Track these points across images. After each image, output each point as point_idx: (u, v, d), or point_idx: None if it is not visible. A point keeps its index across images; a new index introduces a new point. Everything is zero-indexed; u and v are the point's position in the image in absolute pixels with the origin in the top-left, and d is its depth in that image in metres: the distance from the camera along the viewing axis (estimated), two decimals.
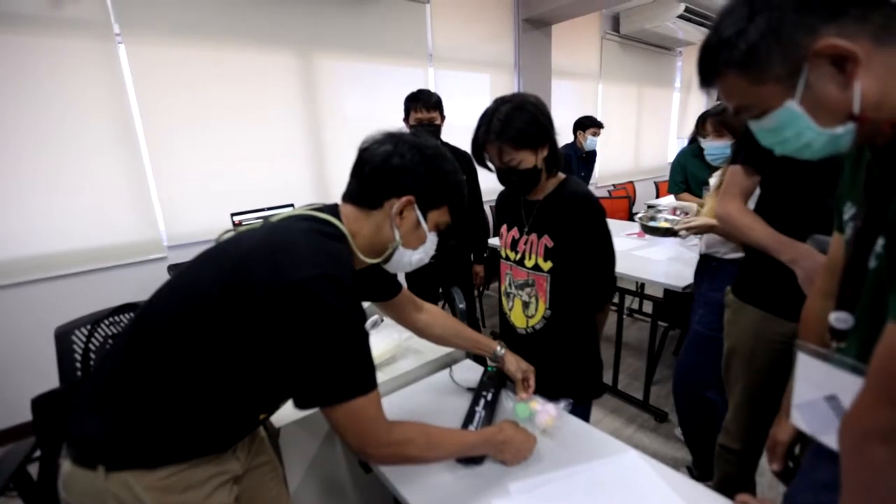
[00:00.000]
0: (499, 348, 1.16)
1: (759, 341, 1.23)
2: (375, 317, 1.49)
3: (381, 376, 1.18)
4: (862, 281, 0.61)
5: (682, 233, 1.58)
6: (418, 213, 0.82)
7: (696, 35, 5.22)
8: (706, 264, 1.68)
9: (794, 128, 0.56)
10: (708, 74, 0.60)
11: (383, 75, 3.25)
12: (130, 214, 2.37)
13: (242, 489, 0.87)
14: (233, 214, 2.34)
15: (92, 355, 1.12)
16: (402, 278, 2.21)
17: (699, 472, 0.86)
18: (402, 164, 0.79)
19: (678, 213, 2.20)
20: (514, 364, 1.15)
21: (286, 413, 1.04)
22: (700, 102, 6.79)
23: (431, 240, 0.88)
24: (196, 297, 0.72)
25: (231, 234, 0.81)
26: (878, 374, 0.53)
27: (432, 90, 2.12)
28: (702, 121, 2.73)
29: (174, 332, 0.71)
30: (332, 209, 0.83)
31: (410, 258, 0.87)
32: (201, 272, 0.75)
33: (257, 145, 2.75)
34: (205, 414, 0.73)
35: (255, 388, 0.76)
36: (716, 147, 1.76)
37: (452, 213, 0.88)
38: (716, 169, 1.75)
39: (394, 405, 1.13)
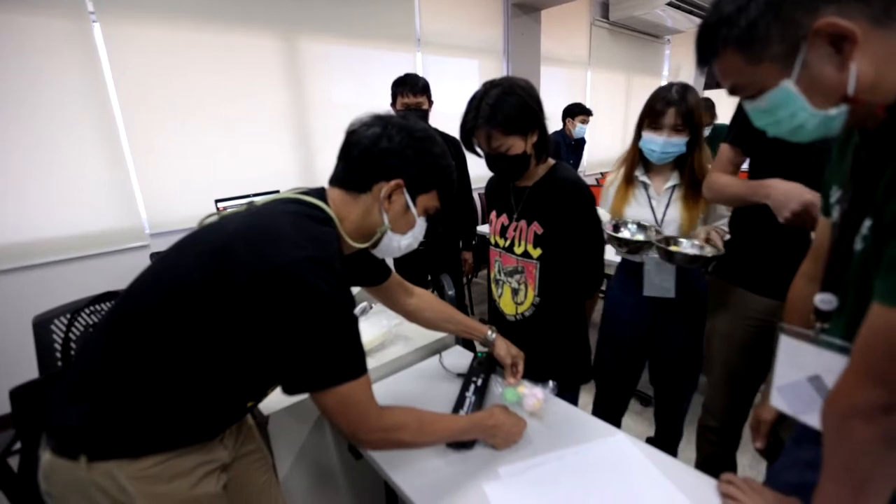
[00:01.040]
0: (490, 333, 1.16)
1: (738, 319, 1.27)
2: (364, 303, 1.48)
3: (371, 363, 1.18)
4: (847, 263, 0.62)
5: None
6: (407, 197, 0.81)
7: (685, 23, 5.22)
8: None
9: (789, 108, 0.57)
10: (706, 52, 0.60)
11: (371, 60, 3.19)
12: (110, 201, 2.30)
13: (230, 477, 0.86)
14: (217, 201, 2.29)
15: (73, 345, 1.10)
16: (390, 265, 2.20)
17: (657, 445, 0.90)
18: (390, 147, 0.78)
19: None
20: (505, 349, 1.15)
21: (275, 400, 1.03)
22: None
23: (420, 225, 0.86)
24: (177, 282, 0.70)
25: (214, 218, 0.79)
26: (863, 353, 0.54)
27: (420, 75, 2.09)
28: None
29: (155, 319, 0.69)
30: (319, 193, 0.81)
31: (399, 243, 0.86)
32: (182, 257, 0.73)
33: (242, 130, 2.69)
34: (190, 402, 0.72)
35: (242, 375, 0.75)
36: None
37: (441, 198, 0.87)
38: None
39: (384, 392, 1.13)
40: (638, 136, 1.38)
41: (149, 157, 2.39)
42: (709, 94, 4.07)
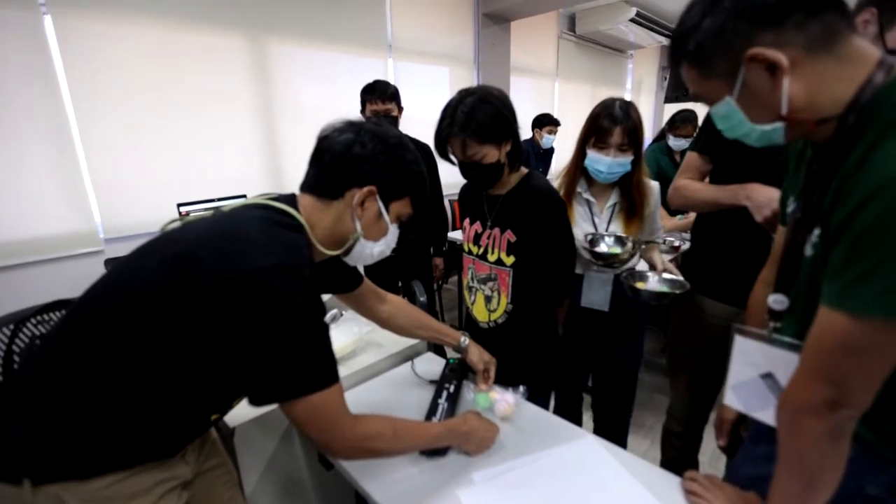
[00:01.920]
0: (463, 339, 1.17)
1: (700, 324, 1.33)
2: (335, 311, 1.46)
3: (342, 371, 1.15)
4: (798, 267, 0.66)
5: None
6: (380, 203, 0.81)
7: (647, 39, 5.45)
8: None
9: (733, 120, 0.62)
10: (672, 62, 0.65)
11: (341, 64, 3.15)
12: (60, 204, 2.16)
13: (193, 495, 0.83)
14: (179, 205, 2.20)
15: (16, 357, 1.02)
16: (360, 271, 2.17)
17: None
18: (363, 154, 0.77)
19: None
20: (477, 355, 1.16)
21: (241, 412, 1.00)
22: (650, 104, 7.12)
23: (393, 232, 0.86)
24: (138, 288, 0.67)
25: (177, 223, 0.76)
26: (811, 353, 0.58)
27: (391, 81, 2.09)
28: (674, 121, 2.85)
29: (113, 327, 0.66)
30: (289, 199, 0.80)
31: (372, 250, 0.85)
32: (143, 263, 0.70)
33: (207, 132, 2.60)
34: (149, 417, 0.69)
35: (207, 387, 0.72)
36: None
37: (414, 205, 0.87)
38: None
39: (355, 400, 1.09)
40: (581, 154, 1.36)
41: (104, 158, 2.26)
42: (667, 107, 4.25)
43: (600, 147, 1.31)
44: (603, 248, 1.36)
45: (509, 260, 1.21)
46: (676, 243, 2.32)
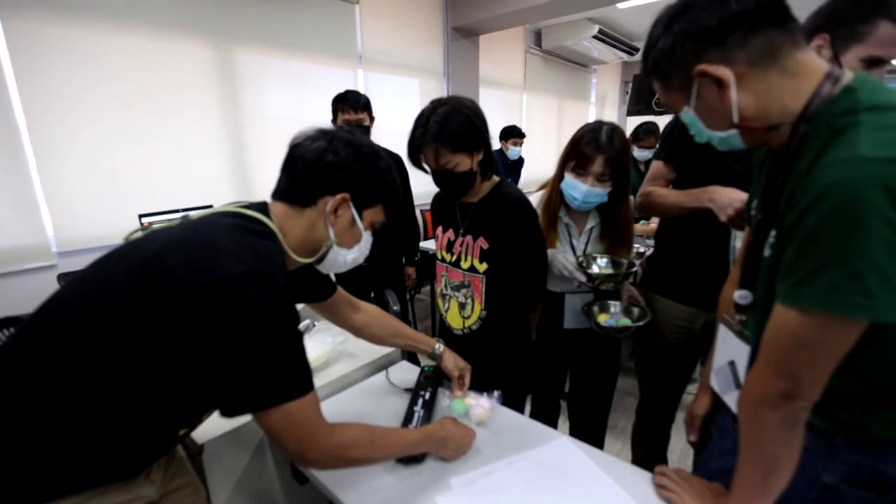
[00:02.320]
0: (437, 346, 1.17)
1: (664, 325, 1.38)
2: (307, 321, 1.44)
3: (316, 381, 1.12)
4: (759, 266, 0.71)
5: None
6: (354, 211, 0.81)
7: (609, 55, 5.68)
8: None
9: (695, 128, 0.69)
10: (644, 73, 0.71)
11: (311, 74, 3.14)
12: (7, 215, 2.04)
13: None
14: (142, 216, 2.12)
15: None
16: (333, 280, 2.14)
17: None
18: (336, 161, 0.77)
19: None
20: (452, 362, 1.16)
21: (210, 427, 0.97)
22: (613, 116, 7.39)
23: (366, 239, 0.86)
24: (99, 301, 0.64)
25: (142, 233, 0.74)
26: (768, 348, 0.62)
27: (362, 92, 2.10)
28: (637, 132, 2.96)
29: (74, 340, 0.63)
30: (261, 207, 0.79)
31: (345, 258, 0.85)
32: (105, 274, 0.68)
33: (171, 141, 2.52)
34: (112, 434, 0.66)
35: (175, 400, 0.70)
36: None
37: (387, 212, 0.88)
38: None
39: (330, 411, 1.06)
40: (560, 176, 1.33)
41: (58, 167, 2.16)
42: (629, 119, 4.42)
43: (579, 173, 1.27)
44: (595, 269, 1.34)
45: (482, 267, 1.23)
46: (641, 249, 2.41)
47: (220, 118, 2.74)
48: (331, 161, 0.77)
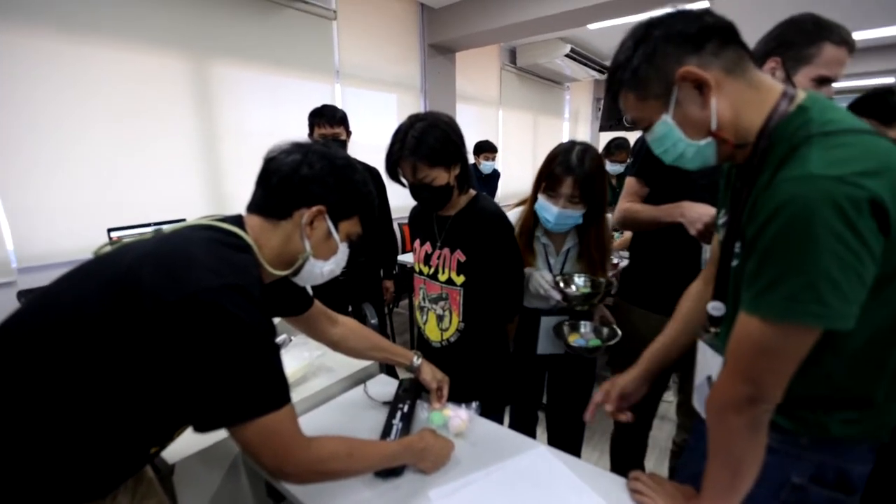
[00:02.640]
0: (415, 358, 1.18)
1: (637, 335, 1.42)
2: (284, 336, 1.42)
3: (293, 397, 1.11)
4: (728, 276, 0.74)
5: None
6: (329, 223, 0.81)
7: (581, 73, 5.87)
8: None
9: (671, 138, 0.69)
10: (611, 91, 0.73)
11: (288, 88, 3.14)
12: None
13: None
14: (110, 230, 2.06)
15: None
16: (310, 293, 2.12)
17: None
18: (312, 174, 0.78)
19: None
20: (430, 374, 1.17)
21: (181, 446, 0.94)
22: (586, 132, 7.61)
23: (343, 251, 0.87)
24: (67, 316, 0.63)
25: (112, 248, 0.72)
26: (732, 355, 0.65)
27: (339, 106, 2.11)
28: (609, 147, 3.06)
29: (37, 359, 0.61)
30: (236, 220, 0.79)
31: (322, 269, 0.85)
32: (74, 287, 0.67)
33: (143, 153, 2.47)
34: (78, 453, 0.64)
35: (147, 416, 0.68)
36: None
37: (363, 224, 0.88)
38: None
39: (307, 426, 1.05)
40: (535, 198, 1.34)
41: (19, 179, 2.07)
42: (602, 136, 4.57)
43: (550, 195, 1.28)
44: (572, 289, 1.34)
45: (459, 279, 1.24)
46: (615, 261, 2.48)
47: (195, 131, 2.70)
48: (306, 174, 0.78)
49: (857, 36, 1.07)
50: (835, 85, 1.12)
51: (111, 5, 2.28)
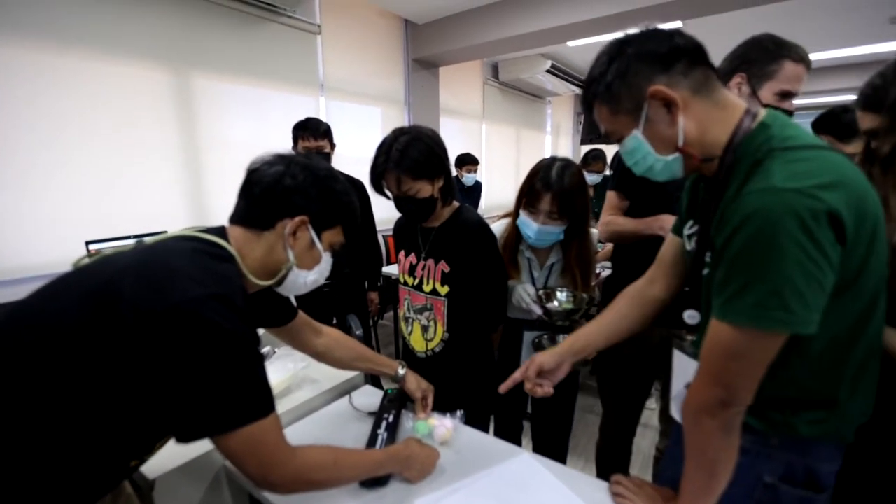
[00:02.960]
0: (400, 368, 1.18)
1: (620, 345, 1.45)
2: (268, 347, 1.41)
3: (278, 408, 1.10)
4: (701, 285, 0.77)
5: None
6: (312, 233, 0.82)
7: (562, 88, 6.01)
8: None
9: (641, 152, 0.73)
10: (586, 104, 0.76)
11: (272, 101, 3.15)
12: None
13: None
14: (88, 243, 2.02)
15: None
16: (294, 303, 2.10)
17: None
18: (294, 185, 0.79)
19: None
20: (415, 383, 1.17)
21: (162, 461, 0.93)
22: (567, 145, 7.77)
23: (326, 260, 0.87)
24: (46, 328, 0.63)
25: (91, 259, 0.72)
26: (705, 361, 0.68)
27: (323, 119, 2.13)
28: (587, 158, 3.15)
29: (15, 372, 0.61)
30: (219, 231, 0.79)
31: (305, 279, 0.85)
32: (53, 299, 0.66)
33: (124, 165, 2.44)
34: (57, 467, 0.62)
35: (128, 427, 0.67)
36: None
37: (346, 233, 0.89)
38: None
39: (293, 437, 1.04)
40: (517, 213, 1.35)
41: None
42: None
43: (530, 211, 1.29)
44: (554, 304, 1.34)
45: (444, 290, 1.26)
46: (598, 271, 2.53)
47: (178, 144, 2.68)
48: (289, 184, 0.79)
49: (817, 56, 1.14)
50: (798, 102, 1.20)
51: (93, 16, 2.28)
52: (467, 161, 3.86)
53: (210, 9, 2.73)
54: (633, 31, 0.71)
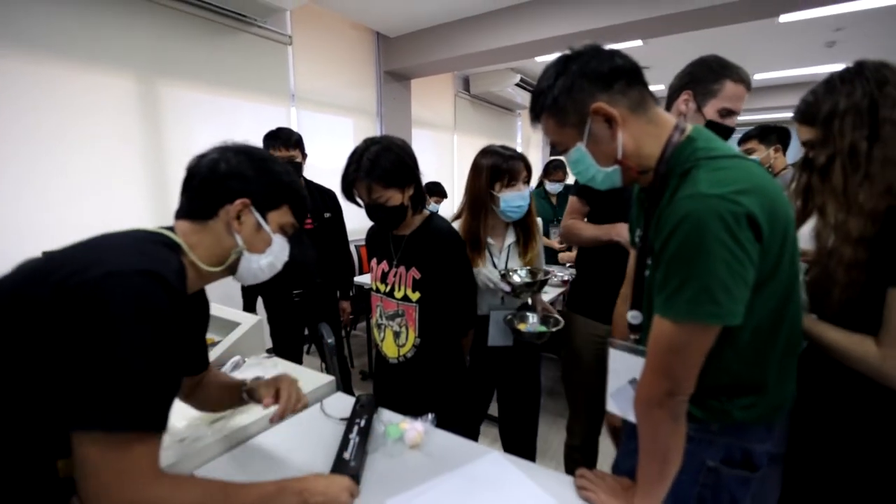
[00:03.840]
0: (246, 382, 1.06)
1: (584, 342, 1.52)
2: (237, 357, 1.39)
3: (249, 418, 1.11)
4: (643, 287, 0.83)
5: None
6: (256, 215, 0.81)
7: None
8: None
9: (584, 163, 0.79)
10: (534, 114, 0.81)
11: (242, 111, 3.13)
12: None
13: None
14: (45, 253, 1.94)
15: None
16: (266, 321, 2.09)
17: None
18: (229, 170, 0.79)
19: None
20: (264, 385, 1.04)
21: None
22: (538, 157, 7.96)
23: (278, 242, 0.86)
24: None
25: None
26: (650, 354, 0.73)
27: (294, 129, 2.14)
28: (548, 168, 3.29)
29: None
30: (167, 228, 0.79)
31: (259, 263, 0.84)
32: None
33: (85, 175, 2.37)
34: None
35: (42, 415, 0.62)
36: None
37: (295, 214, 0.88)
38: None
39: (266, 445, 1.07)
40: (490, 202, 1.44)
41: None
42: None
43: (512, 185, 1.44)
44: (517, 279, 1.48)
45: (415, 296, 1.29)
46: (566, 277, 2.62)
47: (142, 152, 2.63)
48: (224, 170, 0.79)
49: (763, 76, 1.24)
50: (743, 118, 1.30)
51: (56, 21, 2.22)
52: (435, 192, 3.82)
53: (179, 17, 2.70)
54: (576, 47, 0.77)
